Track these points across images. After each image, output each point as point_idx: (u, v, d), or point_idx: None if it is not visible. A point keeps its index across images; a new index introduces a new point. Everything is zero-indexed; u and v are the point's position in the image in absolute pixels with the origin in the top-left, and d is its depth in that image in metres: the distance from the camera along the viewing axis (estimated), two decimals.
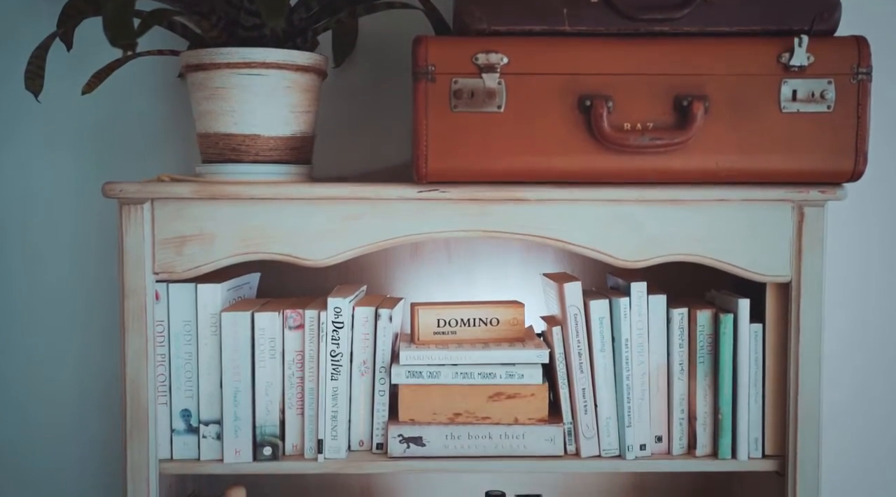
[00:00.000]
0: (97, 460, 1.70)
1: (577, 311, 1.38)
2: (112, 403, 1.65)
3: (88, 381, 1.68)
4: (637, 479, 1.66)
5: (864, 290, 1.68)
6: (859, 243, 1.67)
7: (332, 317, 1.37)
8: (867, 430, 1.70)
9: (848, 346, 1.69)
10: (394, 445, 1.38)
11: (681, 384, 1.39)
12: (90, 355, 1.68)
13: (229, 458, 1.37)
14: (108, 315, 1.65)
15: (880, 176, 1.65)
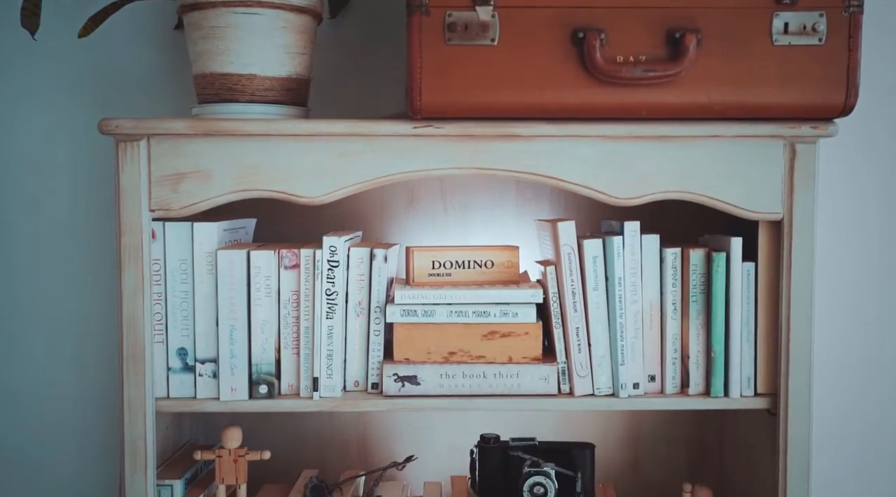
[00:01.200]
0: (96, 453, 1.72)
1: (570, 250, 1.38)
2: (110, 401, 1.67)
3: (85, 326, 1.69)
4: (630, 421, 1.68)
5: (858, 229, 1.69)
6: (852, 183, 1.68)
7: (327, 255, 1.38)
8: (860, 366, 1.71)
9: (842, 285, 1.70)
10: (389, 384, 1.38)
11: (674, 323, 1.40)
12: (88, 298, 1.69)
13: (225, 395, 1.38)
14: (106, 262, 1.66)
15: (872, 114, 1.66)
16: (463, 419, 1.65)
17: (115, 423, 1.57)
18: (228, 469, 1.43)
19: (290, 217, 1.62)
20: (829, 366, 1.70)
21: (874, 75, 1.65)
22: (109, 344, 1.66)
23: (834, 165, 1.65)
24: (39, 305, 1.69)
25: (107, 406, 1.69)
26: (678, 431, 1.67)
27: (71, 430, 1.71)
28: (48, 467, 1.71)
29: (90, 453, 1.71)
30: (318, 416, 1.67)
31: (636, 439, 1.69)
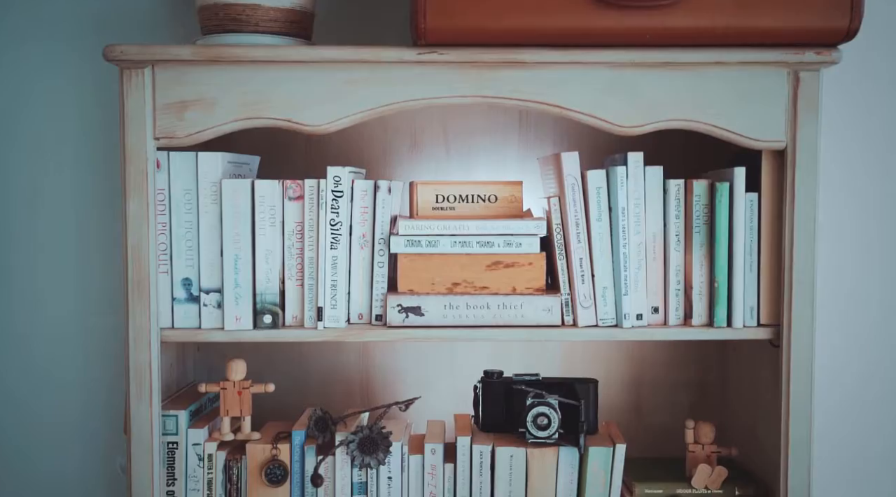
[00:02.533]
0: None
1: (574, 180, 1.39)
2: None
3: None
4: (634, 355, 1.68)
5: (861, 162, 1.69)
6: (854, 117, 1.68)
7: (331, 186, 1.38)
8: (862, 297, 1.71)
9: (845, 217, 1.70)
10: (393, 315, 1.39)
11: (677, 255, 1.40)
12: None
13: (230, 325, 1.39)
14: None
15: (875, 47, 1.65)
16: (466, 358, 1.66)
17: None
18: (233, 401, 1.43)
19: (293, 157, 1.62)
20: (831, 297, 1.69)
21: (875, 7, 1.65)
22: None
23: (836, 99, 1.65)
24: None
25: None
26: (681, 363, 1.68)
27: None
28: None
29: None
30: (321, 355, 1.68)
31: (638, 383, 1.70)
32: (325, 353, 1.67)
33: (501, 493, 1.41)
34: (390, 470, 1.42)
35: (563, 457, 1.41)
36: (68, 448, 1.70)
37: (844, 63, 1.35)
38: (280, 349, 1.67)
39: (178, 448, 1.41)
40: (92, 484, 1.70)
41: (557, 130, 1.65)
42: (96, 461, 1.70)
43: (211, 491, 1.42)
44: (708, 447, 1.50)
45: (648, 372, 1.69)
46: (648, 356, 1.69)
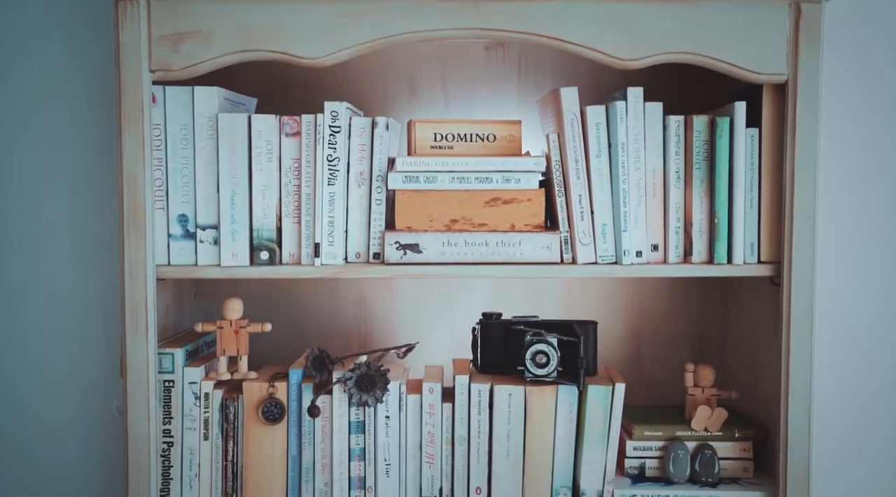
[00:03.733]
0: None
1: (573, 116, 1.38)
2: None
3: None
4: (633, 296, 1.68)
5: (862, 97, 1.68)
6: (856, 53, 1.67)
7: (328, 121, 1.37)
8: (864, 234, 1.70)
9: (847, 151, 1.68)
10: (390, 252, 1.38)
11: (677, 192, 1.39)
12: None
13: (226, 261, 1.37)
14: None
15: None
16: (464, 304, 1.65)
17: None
18: (229, 340, 1.42)
19: (290, 100, 1.61)
20: (833, 233, 1.68)
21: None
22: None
23: (838, 36, 1.64)
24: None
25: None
26: (681, 303, 1.67)
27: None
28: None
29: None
30: (319, 305, 1.67)
31: (637, 335, 1.69)
32: (322, 302, 1.67)
33: (500, 431, 1.40)
34: (388, 409, 1.41)
35: (563, 395, 1.40)
36: (65, 394, 1.69)
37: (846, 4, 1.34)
38: (277, 298, 1.66)
39: (174, 386, 1.40)
40: (89, 428, 1.69)
41: (556, 78, 1.64)
42: (92, 406, 1.69)
43: (207, 430, 1.41)
44: (708, 390, 1.50)
45: (648, 322, 1.68)
46: (648, 303, 1.68)
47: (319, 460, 1.41)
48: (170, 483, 1.41)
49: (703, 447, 1.46)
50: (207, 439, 1.41)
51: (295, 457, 1.41)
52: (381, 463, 1.41)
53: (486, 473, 1.41)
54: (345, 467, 1.41)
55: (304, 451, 1.41)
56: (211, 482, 1.41)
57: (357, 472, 1.41)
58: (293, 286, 1.67)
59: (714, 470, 1.44)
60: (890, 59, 1.67)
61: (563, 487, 1.41)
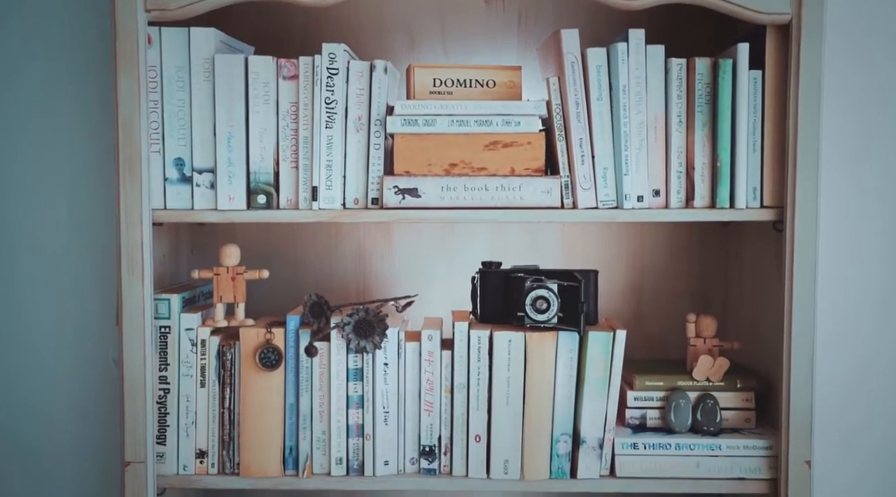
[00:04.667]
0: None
1: (574, 58, 1.36)
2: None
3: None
4: (633, 250, 1.66)
5: (867, 39, 1.65)
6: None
7: (326, 63, 1.35)
8: (867, 177, 1.68)
9: (852, 93, 1.66)
10: (389, 197, 1.36)
11: (679, 136, 1.38)
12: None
13: (223, 204, 1.36)
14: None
15: None
16: (464, 256, 1.63)
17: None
18: (226, 287, 1.41)
19: (287, 48, 1.59)
20: (836, 177, 1.66)
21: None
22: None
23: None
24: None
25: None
26: (682, 250, 1.65)
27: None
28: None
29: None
30: (317, 253, 1.65)
31: (638, 291, 1.67)
32: (321, 256, 1.65)
33: (500, 379, 1.39)
34: (386, 356, 1.40)
35: (563, 342, 1.38)
36: (62, 345, 1.67)
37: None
38: (275, 253, 1.64)
39: (170, 333, 1.39)
40: (85, 378, 1.67)
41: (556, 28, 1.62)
42: (89, 357, 1.67)
43: (204, 376, 1.40)
44: (709, 341, 1.48)
45: (649, 277, 1.67)
46: (648, 258, 1.66)
47: (317, 408, 1.40)
48: (166, 430, 1.39)
49: (705, 397, 1.44)
50: (204, 386, 1.40)
51: (292, 404, 1.40)
52: (380, 411, 1.39)
53: (485, 421, 1.40)
54: (343, 415, 1.39)
55: (301, 398, 1.40)
56: (207, 429, 1.40)
57: (355, 420, 1.40)
58: (291, 239, 1.66)
59: (716, 419, 1.42)
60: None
61: (563, 435, 1.39)
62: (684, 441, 1.41)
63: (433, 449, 1.40)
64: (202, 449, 1.40)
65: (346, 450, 1.40)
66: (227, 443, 1.40)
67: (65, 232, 1.66)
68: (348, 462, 1.40)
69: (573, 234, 1.66)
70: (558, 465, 1.39)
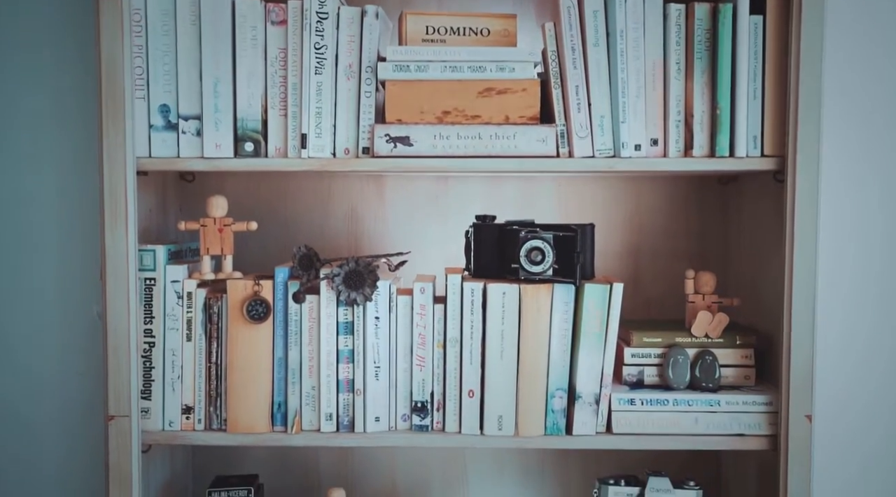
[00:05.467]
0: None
1: (570, 4, 1.32)
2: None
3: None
4: (632, 203, 1.63)
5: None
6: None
7: (315, 7, 1.32)
8: (871, 125, 1.64)
9: (857, 36, 1.62)
10: (380, 145, 1.33)
11: (677, 84, 1.34)
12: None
13: (210, 152, 1.32)
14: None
15: None
16: (458, 216, 1.60)
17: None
18: (213, 239, 1.37)
19: None
20: (839, 124, 1.62)
21: None
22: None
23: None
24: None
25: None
26: (680, 201, 1.62)
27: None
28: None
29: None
30: (308, 212, 1.62)
31: (636, 251, 1.64)
32: (312, 216, 1.62)
33: (493, 332, 1.35)
34: (377, 309, 1.36)
35: (558, 294, 1.35)
36: (44, 298, 1.63)
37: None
38: (266, 211, 1.60)
39: (155, 285, 1.35)
40: (70, 335, 1.64)
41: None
42: (72, 313, 1.63)
43: (190, 330, 1.36)
44: (708, 297, 1.45)
45: (647, 238, 1.63)
46: (646, 217, 1.63)
47: (306, 362, 1.36)
48: (151, 385, 1.36)
49: (704, 353, 1.41)
50: (190, 340, 1.36)
51: (281, 359, 1.37)
52: (371, 365, 1.36)
53: (478, 376, 1.36)
54: (332, 369, 1.36)
55: (290, 351, 1.36)
56: (194, 384, 1.36)
57: (345, 375, 1.36)
58: (281, 197, 1.62)
59: (715, 375, 1.39)
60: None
61: (558, 390, 1.36)
62: (682, 397, 1.37)
63: (425, 405, 1.37)
64: (188, 404, 1.36)
65: (337, 405, 1.36)
66: (214, 398, 1.37)
67: (50, 185, 1.62)
68: (338, 418, 1.36)
69: (569, 193, 1.62)
70: (553, 420, 1.36)
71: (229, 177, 1.60)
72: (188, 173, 1.59)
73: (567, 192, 1.62)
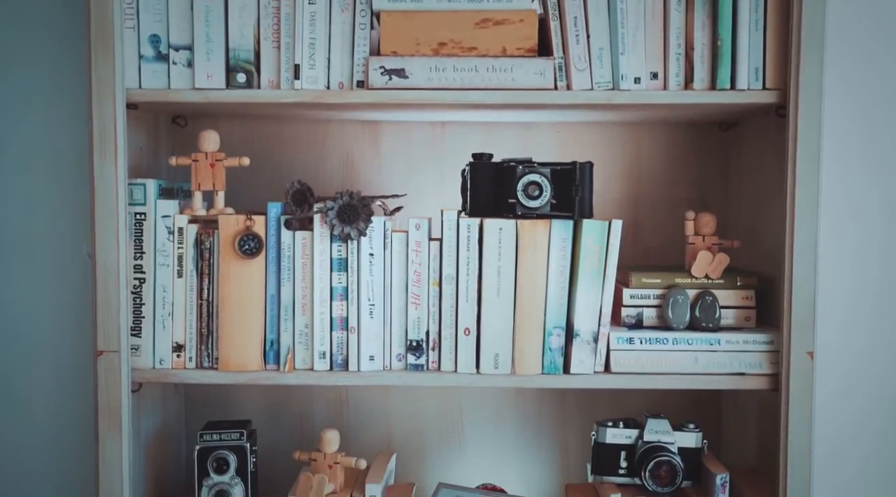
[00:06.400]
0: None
1: None
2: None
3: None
4: (632, 150, 1.61)
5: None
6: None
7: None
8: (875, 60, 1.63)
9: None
10: (375, 78, 1.30)
11: (678, 16, 1.32)
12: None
13: (201, 82, 1.30)
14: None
15: None
16: (455, 162, 1.57)
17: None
18: (205, 174, 1.35)
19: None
20: (842, 58, 1.60)
21: None
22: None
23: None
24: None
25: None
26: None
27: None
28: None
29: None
30: (303, 157, 1.60)
31: (635, 200, 1.62)
32: (307, 161, 1.59)
33: (490, 269, 1.33)
34: (372, 246, 1.34)
35: (556, 230, 1.33)
36: (35, 241, 1.61)
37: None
38: (259, 156, 1.57)
39: (146, 219, 1.33)
40: (60, 275, 1.61)
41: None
42: (65, 256, 1.61)
43: (181, 266, 1.34)
44: (709, 238, 1.42)
45: (646, 186, 1.61)
46: (646, 164, 1.60)
47: (299, 299, 1.34)
48: (141, 321, 1.34)
49: (704, 294, 1.38)
50: (181, 277, 1.34)
51: (273, 295, 1.34)
52: (365, 303, 1.34)
53: (475, 314, 1.34)
54: (326, 307, 1.34)
55: (283, 288, 1.34)
56: (185, 321, 1.34)
57: (339, 313, 1.34)
58: (276, 143, 1.60)
59: (715, 315, 1.37)
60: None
61: (556, 328, 1.34)
62: (682, 336, 1.35)
63: (420, 344, 1.35)
64: (179, 342, 1.34)
65: (330, 344, 1.34)
66: (206, 336, 1.34)
67: (39, 124, 1.59)
68: (332, 356, 1.34)
69: (568, 140, 1.60)
70: (551, 359, 1.34)
71: (223, 122, 1.57)
72: (180, 117, 1.56)
73: (566, 139, 1.60)
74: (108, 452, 1.32)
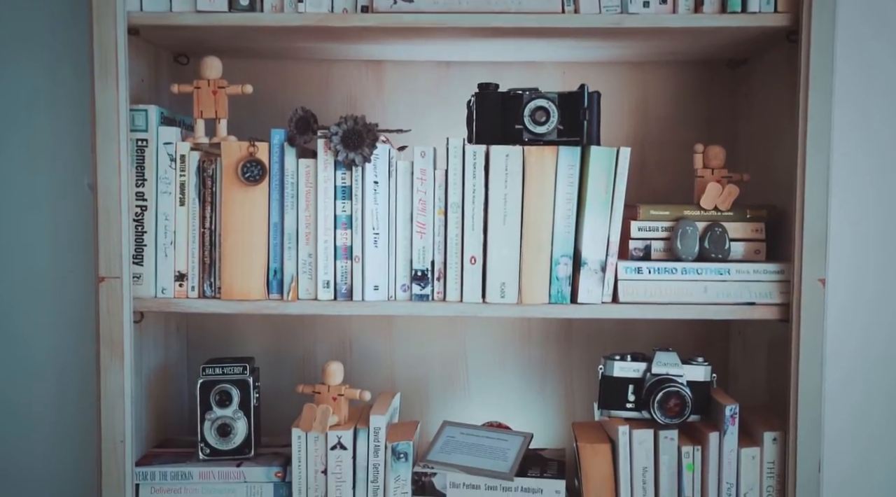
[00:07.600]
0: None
1: None
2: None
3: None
4: (639, 89, 1.59)
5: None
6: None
7: None
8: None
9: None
10: (380, 1, 1.28)
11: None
12: None
13: (203, 5, 1.28)
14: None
15: None
16: (459, 102, 1.54)
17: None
18: (207, 101, 1.33)
19: None
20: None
21: None
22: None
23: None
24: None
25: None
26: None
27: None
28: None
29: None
30: (306, 94, 1.57)
31: (643, 141, 1.60)
32: (309, 102, 1.56)
33: (496, 196, 1.31)
34: (376, 173, 1.32)
35: (563, 157, 1.31)
36: (37, 172, 1.59)
37: None
38: (262, 101, 1.54)
39: (147, 146, 1.31)
40: (61, 202, 1.59)
41: None
42: (65, 181, 1.59)
43: (184, 194, 1.32)
44: (718, 171, 1.40)
45: (653, 126, 1.59)
46: (654, 104, 1.58)
47: (303, 228, 1.32)
48: (143, 250, 1.32)
49: (713, 225, 1.36)
50: (184, 205, 1.32)
51: (277, 224, 1.32)
52: (369, 231, 1.32)
53: (481, 242, 1.32)
54: (330, 235, 1.32)
55: (286, 216, 1.32)
56: (187, 250, 1.32)
57: (343, 241, 1.32)
58: (279, 84, 1.58)
59: (724, 246, 1.35)
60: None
61: (563, 256, 1.32)
62: (691, 266, 1.33)
63: (426, 273, 1.33)
64: (181, 271, 1.32)
65: (334, 272, 1.32)
66: (208, 265, 1.33)
67: (38, 60, 1.57)
68: (336, 285, 1.32)
69: (575, 80, 1.57)
70: (558, 288, 1.32)
71: (225, 60, 1.54)
72: (182, 55, 1.54)
73: (572, 80, 1.58)
74: (109, 383, 1.30)
